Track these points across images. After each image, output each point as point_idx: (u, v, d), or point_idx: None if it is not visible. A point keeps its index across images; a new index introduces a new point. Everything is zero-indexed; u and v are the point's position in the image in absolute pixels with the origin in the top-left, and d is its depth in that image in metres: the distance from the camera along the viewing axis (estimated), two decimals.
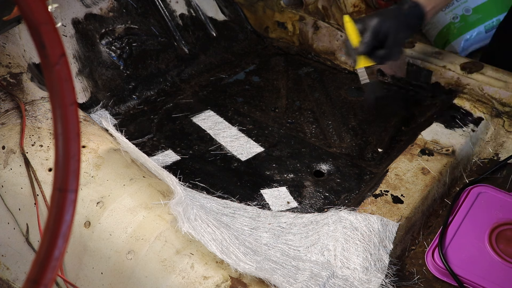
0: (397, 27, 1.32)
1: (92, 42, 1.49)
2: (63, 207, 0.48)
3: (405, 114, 1.50)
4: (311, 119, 1.49)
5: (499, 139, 1.35)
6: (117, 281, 0.96)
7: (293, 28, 1.79)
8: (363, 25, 1.32)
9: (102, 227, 0.98)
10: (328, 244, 1.02)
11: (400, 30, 1.32)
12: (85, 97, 1.44)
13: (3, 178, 1.09)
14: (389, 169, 1.21)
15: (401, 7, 1.34)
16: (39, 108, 1.18)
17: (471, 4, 2.14)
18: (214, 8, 1.78)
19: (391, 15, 1.32)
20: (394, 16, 1.32)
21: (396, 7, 1.34)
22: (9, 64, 1.27)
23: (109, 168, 1.05)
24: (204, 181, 1.24)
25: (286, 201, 1.22)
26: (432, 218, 1.18)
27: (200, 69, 1.67)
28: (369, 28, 1.30)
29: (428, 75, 1.53)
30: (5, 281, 1.14)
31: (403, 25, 1.33)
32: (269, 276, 0.88)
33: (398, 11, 1.33)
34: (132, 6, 1.59)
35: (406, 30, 1.34)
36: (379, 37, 1.31)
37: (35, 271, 0.48)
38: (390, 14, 1.33)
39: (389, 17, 1.31)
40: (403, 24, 1.33)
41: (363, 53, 1.32)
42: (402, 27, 1.33)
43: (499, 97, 1.39)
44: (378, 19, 1.30)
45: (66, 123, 0.47)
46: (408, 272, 1.05)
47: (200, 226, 0.93)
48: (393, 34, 1.31)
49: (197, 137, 1.41)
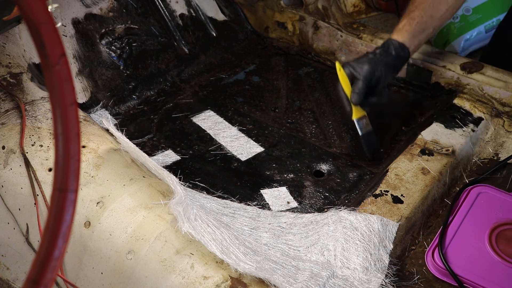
0: (386, 72, 1.33)
1: (92, 42, 1.49)
2: (63, 207, 0.48)
3: (405, 114, 1.50)
4: (311, 119, 1.49)
5: (499, 139, 1.35)
6: (117, 281, 0.96)
7: (293, 28, 1.79)
8: (354, 72, 1.31)
9: (102, 227, 0.98)
10: (328, 244, 1.02)
11: (388, 74, 1.34)
12: (85, 97, 1.44)
13: (3, 178, 1.09)
14: (389, 169, 1.21)
15: (388, 50, 1.34)
16: (39, 108, 1.18)
17: (471, 4, 2.13)
18: (214, 8, 1.78)
19: (380, 61, 1.32)
20: (383, 62, 1.32)
21: (384, 50, 1.33)
22: (9, 64, 1.27)
23: (109, 168, 1.05)
24: (204, 181, 1.24)
25: (286, 201, 1.22)
26: (432, 218, 1.18)
27: (200, 69, 1.67)
28: (361, 77, 1.29)
29: (428, 75, 1.53)
30: (5, 281, 1.14)
31: (391, 69, 1.35)
32: (269, 276, 0.88)
33: (386, 56, 1.33)
34: (132, 6, 1.59)
35: (393, 73, 1.37)
36: (370, 85, 1.31)
37: (35, 271, 0.48)
38: (379, 59, 1.32)
39: (378, 64, 1.31)
40: (391, 68, 1.35)
41: (357, 104, 1.31)
42: (390, 71, 1.35)
43: (499, 97, 1.39)
44: (368, 68, 1.29)
45: (66, 123, 0.47)
46: (408, 272, 1.05)
47: (200, 226, 0.93)
48: (383, 80, 1.33)
49: (197, 137, 1.41)
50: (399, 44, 1.34)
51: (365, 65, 1.30)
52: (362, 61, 1.31)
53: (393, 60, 1.34)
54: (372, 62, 1.30)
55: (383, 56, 1.32)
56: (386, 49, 1.34)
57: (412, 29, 1.36)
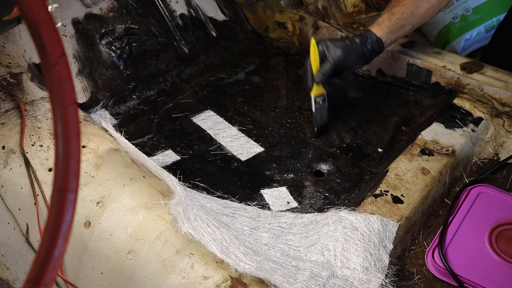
0: (356, 62, 1.38)
1: (92, 42, 1.49)
2: (63, 207, 0.48)
3: (405, 114, 1.49)
4: (311, 119, 1.49)
5: (499, 139, 1.35)
6: (117, 281, 0.96)
7: (293, 28, 1.79)
8: (326, 52, 1.34)
9: (102, 227, 0.98)
10: (328, 244, 1.02)
11: (357, 63, 1.40)
12: (85, 97, 1.44)
13: (3, 178, 1.09)
14: (389, 169, 1.21)
15: (366, 43, 1.36)
16: (39, 108, 1.18)
17: (471, 4, 2.13)
18: (214, 8, 1.78)
19: (355, 51, 1.35)
20: (356, 52, 1.35)
21: (361, 41, 1.36)
22: (9, 64, 1.27)
23: (109, 168, 1.05)
24: (204, 181, 1.24)
25: (286, 201, 1.22)
26: (432, 218, 1.18)
27: (200, 69, 1.67)
28: (331, 60, 1.33)
29: (428, 75, 1.53)
30: (5, 281, 1.14)
31: (362, 60, 1.40)
32: (269, 276, 0.88)
33: (361, 47, 1.36)
34: (132, 6, 1.59)
35: (362, 63, 1.42)
36: (337, 69, 1.34)
37: (35, 271, 0.48)
38: (354, 49, 1.35)
39: (352, 52, 1.35)
40: (363, 59, 1.39)
41: (319, 83, 1.36)
42: (360, 62, 1.40)
43: (499, 97, 1.39)
44: (341, 53, 1.33)
45: (66, 123, 0.47)
46: (408, 272, 1.05)
47: (200, 226, 0.93)
48: (350, 68, 1.38)
49: (197, 137, 1.41)
50: (376, 39, 1.37)
51: (339, 50, 1.33)
52: (338, 45, 1.34)
53: (367, 53, 1.38)
54: (346, 49, 1.34)
55: (359, 47, 1.36)
56: (364, 41, 1.36)
57: (391, 25, 1.39)
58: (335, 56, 1.33)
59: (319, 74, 1.34)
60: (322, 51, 1.35)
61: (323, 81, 1.35)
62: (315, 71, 1.35)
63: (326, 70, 1.33)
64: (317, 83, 1.36)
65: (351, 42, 1.36)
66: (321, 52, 1.35)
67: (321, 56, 1.35)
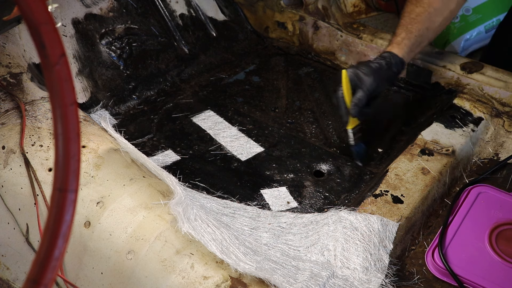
0: (385, 86, 1.37)
1: (92, 42, 1.49)
2: (63, 207, 0.48)
3: (405, 114, 1.49)
4: (311, 119, 1.49)
5: (499, 139, 1.35)
6: (117, 281, 0.96)
7: (293, 28, 1.79)
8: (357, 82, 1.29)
9: (102, 227, 0.98)
10: (328, 244, 1.02)
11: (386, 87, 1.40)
12: (85, 97, 1.44)
13: (3, 178, 1.09)
14: (389, 169, 1.21)
15: (391, 66, 1.33)
16: (39, 108, 1.18)
17: (471, 4, 2.13)
18: (214, 8, 1.78)
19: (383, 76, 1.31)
20: (385, 77, 1.32)
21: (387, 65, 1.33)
22: (9, 64, 1.27)
23: (109, 168, 1.05)
24: (204, 181, 1.24)
25: (286, 201, 1.22)
26: (432, 218, 1.18)
27: (200, 69, 1.67)
28: (366, 90, 1.28)
29: (428, 75, 1.53)
30: (5, 281, 1.14)
31: (389, 83, 1.40)
32: (269, 276, 0.88)
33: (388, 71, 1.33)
34: (132, 6, 1.59)
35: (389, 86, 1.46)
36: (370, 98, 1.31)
37: (35, 271, 0.48)
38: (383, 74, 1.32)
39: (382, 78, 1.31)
40: (389, 82, 1.39)
41: (355, 116, 1.30)
42: (388, 85, 1.42)
43: (499, 97, 1.39)
44: (373, 82, 1.29)
45: (66, 123, 0.47)
46: (408, 272, 1.05)
47: (200, 226, 0.93)
48: (380, 93, 1.35)
49: (197, 137, 1.41)
50: (399, 60, 1.35)
51: (370, 79, 1.28)
52: (368, 73, 1.29)
53: (393, 76, 1.35)
54: (377, 76, 1.30)
55: (386, 72, 1.32)
56: (389, 65, 1.33)
57: (411, 44, 1.37)
58: (367, 85, 1.28)
59: (355, 107, 1.28)
60: (353, 81, 1.29)
61: (359, 113, 1.30)
62: (348, 103, 1.29)
63: (361, 101, 1.28)
64: (354, 116, 1.30)
65: (379, 67, 1.31)
66: (352, 82, 1.29)
67: (352, 88, 1.30)
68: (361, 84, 1.28)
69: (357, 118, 1.32)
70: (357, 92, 1.29)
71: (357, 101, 1.28)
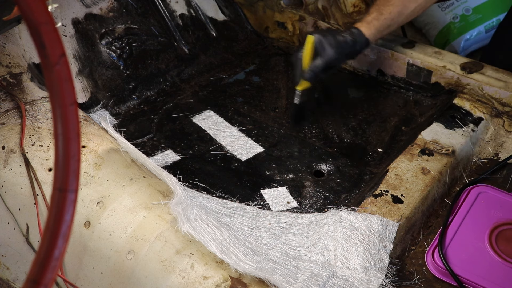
0: (345, 60, 1.43)
1: (92, 42, 1.49)
2: (63, 207, 0.48)
3: (405, 114, 1.50)
4: (311, 119, 1.49)
5: (499, 139, 1.35)
6: (117, 281, 0.96)
7: (293, 28, 1.79)
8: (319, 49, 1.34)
9: (102, 227, 0.98)
10: (328, 244, 1.02)
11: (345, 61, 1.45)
12: (85, 97, 1.44)
13: (3, 178, 1.09)
14: (389, 169, 1.21)
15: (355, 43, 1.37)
16: (39, 108, 1.18)
17: (471, 4, 2.14)
18: (214, 8, 1.78)
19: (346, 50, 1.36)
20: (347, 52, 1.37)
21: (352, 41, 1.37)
22: (9, 64, 1.27)
23: (109, 168, 1.05)
24: (204, 181, 1.24)
25: (286, 201, 1.22)
26: (432, 218, 1.18)
27: (200, 69, 1.67)
28: (325, 59, 1.34)
29: (428, 75, 1.53)
30: (5, 281, 1.14)
31: (349, 58, 1.43)
32: (269, 276, 0.88)
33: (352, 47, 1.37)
34: (132, 6, 1.59)
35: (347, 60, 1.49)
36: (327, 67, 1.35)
37: (35, 271, 0.48)
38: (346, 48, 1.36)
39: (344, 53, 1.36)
40: (350, 57, 1.42)
41: (307, 79, 1.36)
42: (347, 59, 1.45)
43: (499, 97, 1.39)
44: (334, 54, 1.34)
45: (66, 123, 0.47)
46: (408, 272, 1.05)
47: (200, 226, 0.93)
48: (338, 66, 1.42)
49: (197, 137, 1.41)
50: (365, 40, 1.38)
51: (333, 49, 1.34)
52: (332, 43, 1.34)
53: (355, 53, 1.40)
54: (339, 49, 1.35)
55: (350, 47, 1.37)
56: (354, 42, 1.37)
57: (379, 25, 1.40)
58: (329, 56, 1.34)
59: (310, 72, 1.34)
60: (317, 49, 1.35)
61: (312, 78, 1.36)
62: (306, 66, 1.35)
63: (318, 68, 1.34)
64: (306, 79, 1.36)
65: (344, 41, 1.36)
66: (315, 49, 1.35)
67: (314, 53, 1.35)
68: (323, 53, 1.34)
69: (308, 82, 1.37)
70: (317, 58, 1.35)
71: (314, 67, 1.34)
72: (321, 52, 1.34)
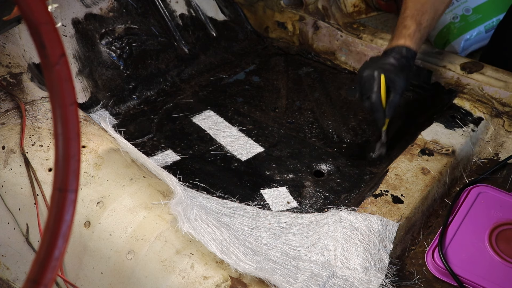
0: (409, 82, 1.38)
1: (92, 42, 1.49)
2: (63, 207, 0.48)
3: (405, 114, 1.49)
4: (311, 119, 1.49)
5: (499, 139, 1.35)
6: (117, 281, 0.96)
7: (293, 28, 1.79)
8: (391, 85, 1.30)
9: (102, 227, 0.98)
10: (328, 244, 1.02)
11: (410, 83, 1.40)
12: (85, 97, 1.44)
13: (3, 178, 1.09)
14: (389, 169, 1.21)
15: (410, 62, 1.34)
16: (39, 108, 1.18)
17: (471, 4, 2.13)
18: (214, 8, 1.78)
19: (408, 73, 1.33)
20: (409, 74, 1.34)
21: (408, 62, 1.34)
22: (9, 64, 1.27)
23: (109, 168, 1.05)
24: (204, 181, 1.24)
25: (286, 201, 1.22)
26: (432, 218, 1.18)
27: (200, 69, 1.67)
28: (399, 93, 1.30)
29: (428, 75, 1.53)
30: (5, 281, 1.14)
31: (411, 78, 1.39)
32: (269, 276, 0.88)
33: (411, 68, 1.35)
34: (132, 6, 1.59)
35: None
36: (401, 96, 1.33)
37: (35, 271, 0.48)
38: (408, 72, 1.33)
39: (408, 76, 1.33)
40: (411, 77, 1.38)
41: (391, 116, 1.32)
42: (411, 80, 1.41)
43: (499, 97, 1.39)
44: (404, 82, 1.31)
45: (66, 123, 0.47)
46: (408, 272, 1.05)
47: (200, 226, 0.93)
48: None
49: (197, 137, 1.41)
50: (414, 54, 1.36)
51: (401, 78, 1.30)
52: (399, 74, 1.30)
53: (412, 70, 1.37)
54: (406, 76, 1.32)
55: (410, 68, 1.35)
56: (409, 60, 1.34)
57: (421, 35, 1.37)
58: (401, 87, 1.31)
59: (391, 109, 1.31)
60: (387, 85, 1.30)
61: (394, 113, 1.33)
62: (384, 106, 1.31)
63: (396, 103, 1.31)
64: (389, 117, 1.33)
65: (405, 65, 1.32)
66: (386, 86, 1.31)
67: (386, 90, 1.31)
68: (394, 86, 1.30)
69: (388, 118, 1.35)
70: (392, 95, 1.30)
71: (393, 105, 1.31)
72: (393, 87, 1.30)
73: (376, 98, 1.29)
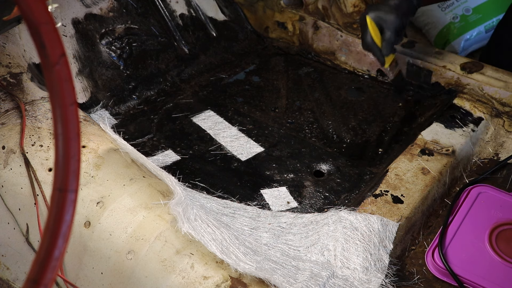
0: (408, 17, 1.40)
1: (92, 42, 1.49)
2: (63, 207, 0.48)
3: (405, 114, 1.50)
4: (311, 119, 1.49)
5: (499, 139, 1.35)
6: (117, 281, 0.96)
7: (293, 28, 1.79)
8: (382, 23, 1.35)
9: (102, 227, 0.98)
10: (328, 244, 1.02)
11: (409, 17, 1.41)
12: (85, 97, 1.44)
13: (3, 178, 1.09)
14: (389, 169, 1.21)
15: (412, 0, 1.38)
16: (39, 108, 1.18)
17: (471, 4, 2.14)
18: (214, 8, 1.78)
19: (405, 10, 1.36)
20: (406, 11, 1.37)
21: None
22: (9, 64, 1.27)
23: (109, 168, 1.05)
24: (204, 181, 1.24)
25: (286, 201, 1.22)
26: (432, 218, 1.18)
27: (200, 69, 1.67)
28: (391, 29, 1.35)
29: (428, 75, 1.53)
30: (5, 281, 1.14)
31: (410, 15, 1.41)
32: (269, 276, 0.88)
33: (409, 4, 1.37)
34: (132, 6, 1.59)
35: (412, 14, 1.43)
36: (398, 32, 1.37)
37: (35, 271, 0.48)
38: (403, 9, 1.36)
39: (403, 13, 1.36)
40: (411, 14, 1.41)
41: (389, 54, 1.38)
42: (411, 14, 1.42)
43: (499, 97, 1.39)
44: (397, 19, 1.34)
45: (66, 123, 0.47)
46: (408, 272, 1.05)
47: (200, 226, 0.93)
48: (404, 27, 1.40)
49: (197, 137, 1.41)
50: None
51: (392, 15, 1.34)
52: (388, 11, 1.35)
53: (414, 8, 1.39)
54: (399, 12, 1.35)
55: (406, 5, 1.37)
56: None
57: None
58: (392, 24, 1.34)
59: (387, 46, 1.36)
60: (378, 24, 1.36)
61: (391, 50, 1.38)
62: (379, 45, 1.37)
63: (390, 39, 1.35)
64: (387, 55, 1.38)
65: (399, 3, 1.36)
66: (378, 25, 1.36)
67: (379, 29, 1.36)
68: (386, 24, 1.35)
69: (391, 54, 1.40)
70: (385, 32, 1.36)
71: (387, 41, 1.35)
72: (385, 25, 1.35)
73: (368, 38, 1.36)
